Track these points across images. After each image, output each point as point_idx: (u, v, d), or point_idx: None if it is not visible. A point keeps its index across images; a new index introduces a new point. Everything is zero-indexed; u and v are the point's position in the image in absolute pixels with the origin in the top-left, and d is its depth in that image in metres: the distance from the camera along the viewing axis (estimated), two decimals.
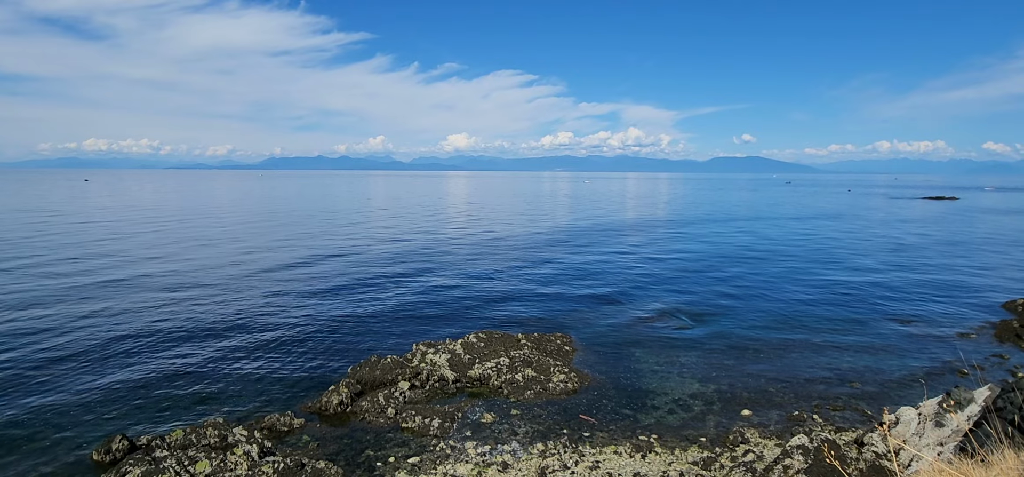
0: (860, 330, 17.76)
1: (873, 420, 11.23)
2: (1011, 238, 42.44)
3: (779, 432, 10.87)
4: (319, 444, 10.38)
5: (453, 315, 19.63)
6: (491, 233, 44.26)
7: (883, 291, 23.26)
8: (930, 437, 8.72)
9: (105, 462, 9.36)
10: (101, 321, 17.75)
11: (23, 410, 11.43)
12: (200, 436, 9.92)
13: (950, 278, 26.15)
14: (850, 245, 37.89)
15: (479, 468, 9.36)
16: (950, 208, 77.58)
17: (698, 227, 50.21)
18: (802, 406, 12.10)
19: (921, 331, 17.64)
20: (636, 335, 17.20)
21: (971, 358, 14.82)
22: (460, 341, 14.99)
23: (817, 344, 16.34)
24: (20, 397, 12.05)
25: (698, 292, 23.02)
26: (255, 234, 41.80)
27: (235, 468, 8.92)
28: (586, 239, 40.70)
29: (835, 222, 55.54)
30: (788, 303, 21.21)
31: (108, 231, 41.59)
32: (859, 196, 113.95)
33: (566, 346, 15.80)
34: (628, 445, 10.26)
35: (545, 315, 19.61)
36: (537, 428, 11.04)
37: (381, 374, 13.12)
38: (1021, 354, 15.47)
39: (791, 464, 8.53)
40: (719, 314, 19.53)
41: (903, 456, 8.41)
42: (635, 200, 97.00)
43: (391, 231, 44.74)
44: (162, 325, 17.49)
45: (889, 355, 15.42)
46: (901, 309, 20.26)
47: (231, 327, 17.46)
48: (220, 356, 14.89)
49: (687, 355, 15.31)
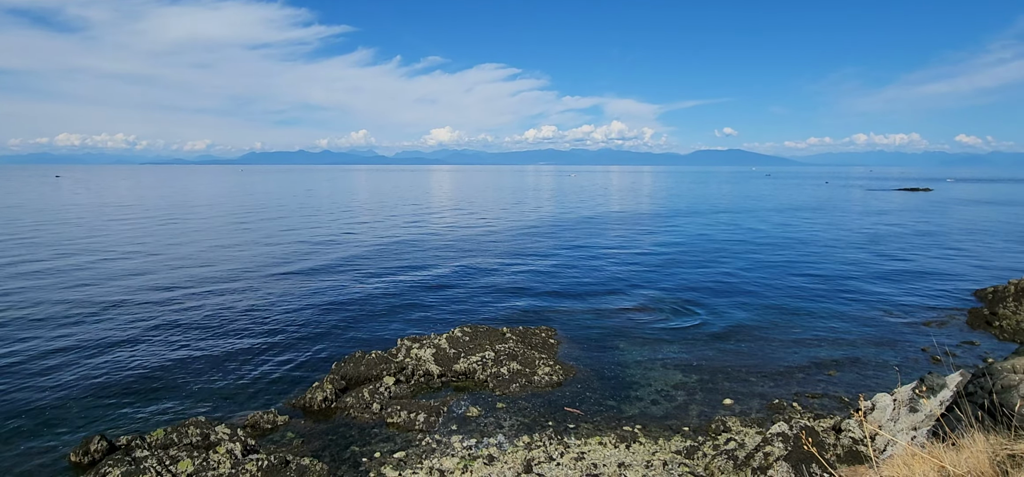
0: (838, 319, 18.16)
1: (850, 407, 11.50)
2: (981, 228, 43.68)
3: (760, 420, 11.09)
4: (303, 441, 10.31)
5: (438, 309, 19.59)
6: (475, 227, 44.18)
7: (860, 281, 23.79)
8: (904, 422, 8.97)
9: (83, 463, 9.17)
10: (75, 320, 17.34)
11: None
12: (181, 435, 9.78)
13: (924, 267, 26.84)
14: (828, 236, 38.63)
15: (465, 462, 9.39)
16: (924, 199, 79.54)
17: (680, 220, 50.74)
18: (782, 394, 12.35)
19: (896, 320, 18.09)
20: (620, 327, 17.36)
21: (944, 345, 15.26)
22: (445, 335, 14.97)
23: (797, 333, 16.66)
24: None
25: (680, 284, 23.29)
26: (234, 230, 41.15)
27: (218, 467, 8.81)
28: (570, 232, 40.86)
29: (813, 214, 56.56)
30: (768, 294, 21.58)
31: (80, 228, 40.57)
32: (836, 188, 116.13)
33: (551, 339, 15.88)
34: (613, 436, 10.37)
35: (530, 308, 19.67)
36: (523, 421, 11.10)
37: (366, 369, 13.05)
38: (991, 340, 15.97)
39: (771, 451, 8.71)
40: (701, 305, 19.79)
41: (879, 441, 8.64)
42: (619, 193, 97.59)
43: (375, 226, 44.39)
44: (140, 323, 17.16)
45: (866, 343, 15.79)
46: (877, 298, 20.74)
47: (212, 324, 17.20)
48: (201, 354, 14.66)
49: (670, 346, 15.51)
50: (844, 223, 47.39)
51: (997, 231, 41.79)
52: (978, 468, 4.04)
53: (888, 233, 40.19)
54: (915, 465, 4.33)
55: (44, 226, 41.31)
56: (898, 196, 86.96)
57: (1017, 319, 16.91)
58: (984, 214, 56.37)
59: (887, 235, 39.02)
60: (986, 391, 8.25)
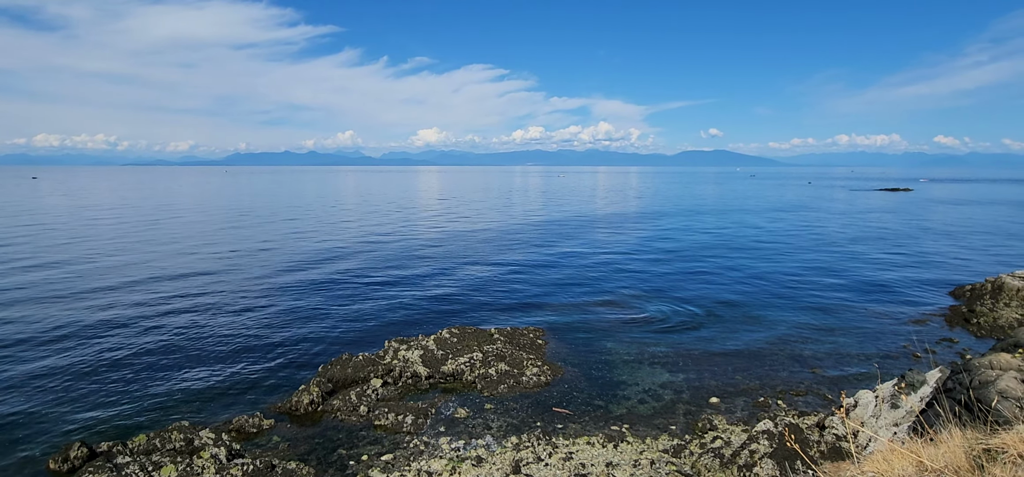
0: (822, 318, 18.43)
1: (833, 404, 11.69)
2: (959, 227, 44.61)
3: (745, 418, 11.22)
4: (290, 445, 10.21)
5: (425, 311, 19.52)
6: (462, 229, 44.11)
7: (842, 280, 24.17)
8: (886, 419, 9.13)
9: (63, 471, 8.99)
10: (54, 324, 17.00)
11: None
12: (165, 440, 9.63)
13: (905, 266, 27.34)
14: (811, 236, 39.19)
15: (453, 463, 9.37)
16: (905, 199, 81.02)
17: (666, 220, 51.13)
18: (767, 393, 12.51)
19: (878, 318, 18.41)
20: (607, 327, 17.44)
21: (924, 342, 15.57)
22: (433, 337, 14.93)
23: (781, 332, 16.88)
24: None
25: (667, 284, 23.47)
26: (217, 233, 40.63)
27: (202, 472, 8.70)
28: (558, 233, 40.98)
29: (797, 214, 57.33)
30: (753, 293, 21.83)
31: (60, 231, 39.79)
32: (820, 188, 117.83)
33: (539, 339, 15.91)
34: (601, 435, 10.42)
35: (518, 309, 19.69)
36: (511, 421, 11.11)
37: (353, 372, 12.97)
38: (969, 337, 16.33)
39: (757, 449, 8.81)
40: (687, 305, 19.96)
41: (861, 438, 8.79)
42: (606, 194, 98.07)
43: (361, 228, 44.11)
44: (121, 327, 16.87)
45: (849, 341, 16.05)
46: (860, 297, 21.09)
47: (196, 327, 16.96)
48: (184, 358, 14.45)
49: (657, 346, 15.62)
50: (827, 223, 48.09)
51: (974, 230, 42.71)
52: (955, 462, 4.14)
53: (870, 233, 40.88)
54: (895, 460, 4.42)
55: (21, 229, 40.44)
56: (879, 196, 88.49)
57: (994, 316, 17.31)
58: (962, 213, 57.56)
59: (869, 235, 39.68)
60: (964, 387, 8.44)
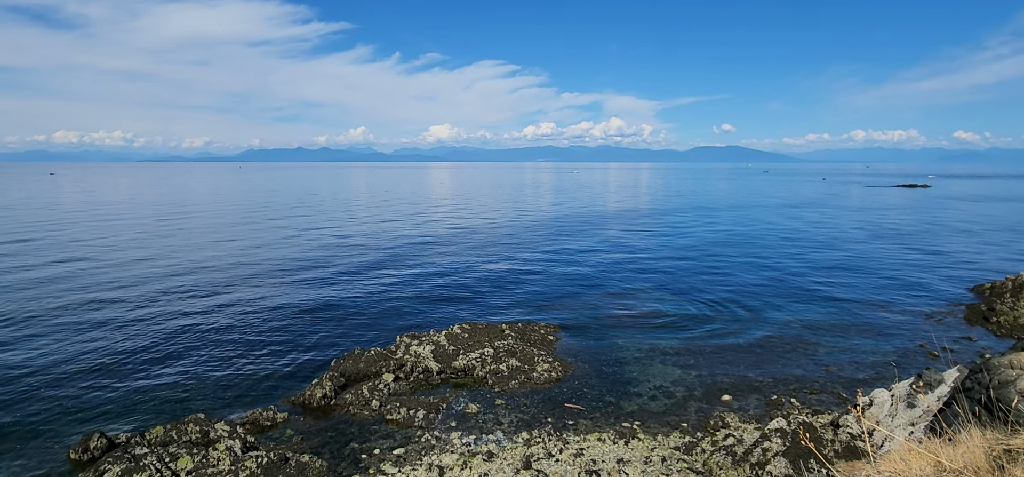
0: (836, 315, 18.19)
1: (848, 403, 11.54)
2: (979, 224, 43.75)
3: (758, 416, 11.12)
4: (303, 438, 10.33)
5: (437, 306, 19.60)
6: (474, 224, 44.19)
7: (858, 277, 23.83)
8: (902, 418, 9.00)
9: (83, 461, 9.18)
10: (74, 318, 17.34)
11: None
12: (181, 432, 9.79)
13: (922, 263, 26.89)
14: (826, 233, 38.68)
15: (464, 458, 9.41)
16: (923, 195, 79.65)
17: (679, 216, 50.78)
18: (780, 391, 12.38)
19: (894, 316, 18.13)
20: (619, 323, 17.38)
21: (941, 341, 15.30)
22: (444, 332, 14.99)
23: (795, 330, 16.69)
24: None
25: (679, 281, 23.32)
26: (233, 229, 41.12)
27: (218, 464, 8.83)
28: (569, 228, 40.88)
29: (811, 210, 56.62)
30: (767, 290, 21.61)
31: (79, 227, 40.51)
32: (835, 185, 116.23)
33: (550, 335, 15.90)
34: (611, 432, 10.40)
35: (529, 305, 19.69)
36: (522, 417, 11.12)
37: (365, 366, 13.07)
38: (989, 336, 16.02)
39: (770, 447, 8.74)
40: (700, 302, 19.81)
41: (876, 437, 8.68)
42: (618, 190, 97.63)
43: (373, 223, 44.37)
44: (140, 322, 17.16)
45: (864, 339, 15.83)
46: (875, 295, 20.78)
47: (212, 322, 17.20)
48: (201, 351, 14.67)
49: (669, 343, 15.53)
50: (842, 220, 47.44)
51: (995, 227, 41.87)
52: (974, 463, 4.06)
53: (886, 229, 40.25)
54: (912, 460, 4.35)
55: (40, 225, 41.24)
56: (896, 192, 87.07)
57: (1014, 315, 16.95)
58: (982, 210, 56.46)
59: (885, 231, 39.08)
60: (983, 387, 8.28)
